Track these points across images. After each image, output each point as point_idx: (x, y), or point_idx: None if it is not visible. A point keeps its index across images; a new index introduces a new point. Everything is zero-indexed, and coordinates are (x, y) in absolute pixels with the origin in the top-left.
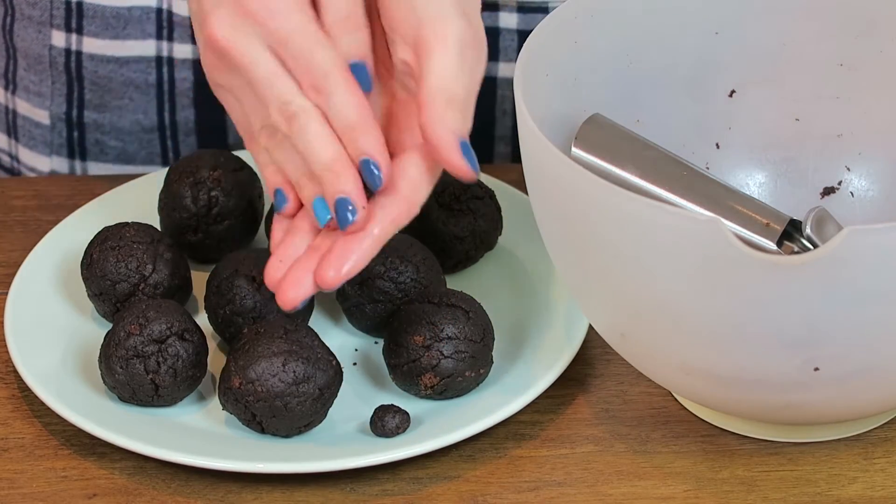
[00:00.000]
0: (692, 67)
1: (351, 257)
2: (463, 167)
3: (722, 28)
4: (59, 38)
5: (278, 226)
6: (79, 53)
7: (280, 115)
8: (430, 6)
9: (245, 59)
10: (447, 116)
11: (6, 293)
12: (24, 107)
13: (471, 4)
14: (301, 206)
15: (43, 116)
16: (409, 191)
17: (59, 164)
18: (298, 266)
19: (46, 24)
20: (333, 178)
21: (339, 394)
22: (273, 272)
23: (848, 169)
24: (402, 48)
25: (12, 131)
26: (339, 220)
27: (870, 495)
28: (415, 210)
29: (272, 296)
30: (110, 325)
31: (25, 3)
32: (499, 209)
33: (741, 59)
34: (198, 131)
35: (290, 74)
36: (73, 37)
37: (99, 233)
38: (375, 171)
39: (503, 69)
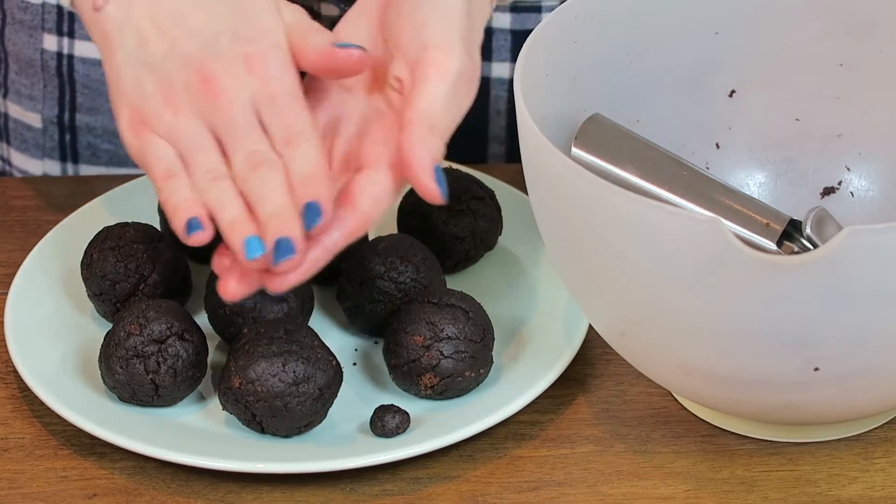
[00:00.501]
0: (692, 67)
1: (300, 266)
2: (434, 191)
3: (722, 28)
4: (50, 42)
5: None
6: (70, 57)
7: (247, 160)
8: (438, 33)
9: (233, 106)
10: (428, 141)
11: (6, 293)
12: (15, 110)
13: (475, 41)
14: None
15: (35, 120)
16: (368, 206)
17: (52, 167)
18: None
19: (38, 28)
20: (280, 221)
21: (339, 394)
22: (222, 258)
23: (848, 169)
24: (399, 65)
25: (4, 135)
26: (275, 257)
27: (870, 495)
28: (369, 225)
29: (272, 296)
30: (110, 325)
31: (17, 8)
32: (499, 209)
33: (741, 59)
34: None
35: (262, 128)
36: (65, 40)
37: (99, 233)
38: (317, 215)
39: (496, 69)
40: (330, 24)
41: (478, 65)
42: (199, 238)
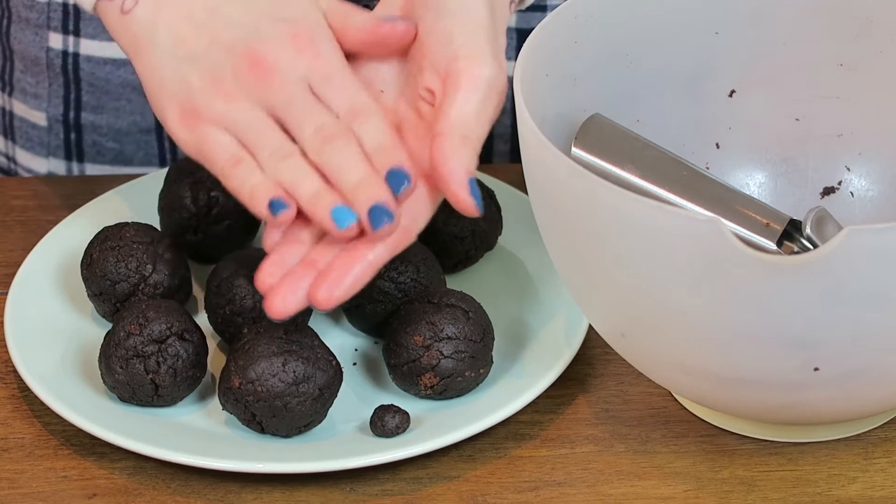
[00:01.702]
0: (692, 67)
1: (345, 281)
2: (469, 204)
3: (722, 28)
4: (56, 40)
5: (273, 231)
6: (76, 55)
7: (317, 133)
8: (467, 43)
9: (289, 84)
10: (461, 152)
11: (6, 293)
12: (20, 108)
13: (501, 47)
14: (296, 215)
15: (40, 118)
16: (409, 221)
17: (57, 165)
18: (293, 277)
19: (44, 27)
20: (369, 188)
21: (339, 394)
22: (266, 277)
23: (848, 169)
24: (430, 75)
25: (9, 133)
26: (372, 225)
27: (870, 495)
28: (412, 239)
29: None
30: (110, 325)
31: (22, 6)
32: (499, 209)
33: (741, 59)
34: None
35: (322, 104)
36: (71, 39)
37: (99, 233)
38: (403, 179)
39: None
40: None
41: (505, 71)
42: (286, 217)
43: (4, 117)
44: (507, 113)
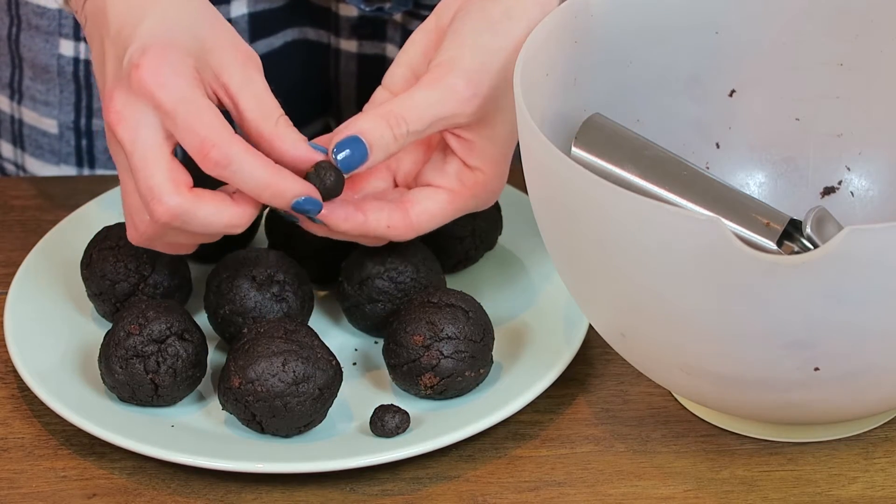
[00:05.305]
0: (692, 67)
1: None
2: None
3: (722, 28)
4: (67, 48)
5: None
6: (87, 62)
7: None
8: (451, 56)
9: (126, 138)
10: (366, 118)
11: (6, 293)
12: (30, 116)
13: (490, 74)
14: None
15: (51, 125)
16: (416, 216)
17: (68, 172)
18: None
19: (55, 34)
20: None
21: (339, 394)
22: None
23: (848, 169)
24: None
25: (18, 141)
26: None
27: (870, 495)
28: (409, 235)
29: (272, 296)
30: (110, 325)
31: (32, 13)
32: (499, 209)
33: (741, 59)
34: None
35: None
36: (82, 45)
37: (99, 233)
38: (311, 206)
39: None
40: (348, 25)
41: (476, 89)
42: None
43: (13, 125)
44: None
